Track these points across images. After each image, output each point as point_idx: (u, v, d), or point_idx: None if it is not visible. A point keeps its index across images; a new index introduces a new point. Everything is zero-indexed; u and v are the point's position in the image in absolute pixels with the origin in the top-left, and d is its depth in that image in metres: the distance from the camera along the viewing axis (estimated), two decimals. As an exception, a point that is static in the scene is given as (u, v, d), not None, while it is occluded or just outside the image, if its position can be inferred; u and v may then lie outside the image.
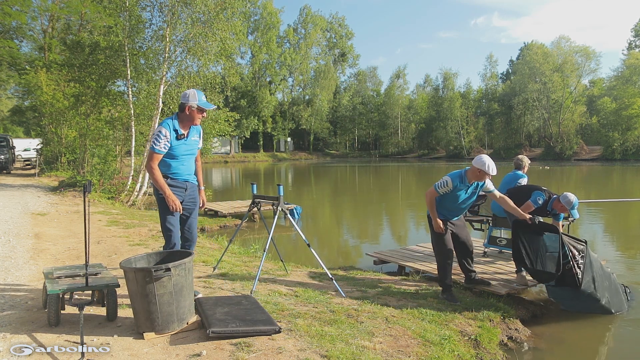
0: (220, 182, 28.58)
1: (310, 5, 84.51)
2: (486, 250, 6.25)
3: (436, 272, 5.49)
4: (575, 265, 4.24)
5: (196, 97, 3.56)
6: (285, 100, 64.59)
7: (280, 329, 3.10)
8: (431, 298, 4.49)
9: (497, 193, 4.51)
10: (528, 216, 4.38)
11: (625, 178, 27.59)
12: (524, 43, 64.55)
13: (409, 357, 3.04)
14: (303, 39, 64.29)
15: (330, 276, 4.55)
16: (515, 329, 4.18)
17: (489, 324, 3.99)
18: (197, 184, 3.85)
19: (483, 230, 6.68)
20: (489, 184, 4.45)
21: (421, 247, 6.83)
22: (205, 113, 3.66)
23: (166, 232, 3.61)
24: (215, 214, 11.64)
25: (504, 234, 6.33)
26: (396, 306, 4.14)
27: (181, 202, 3.62)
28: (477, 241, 7.18)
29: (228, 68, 15.30)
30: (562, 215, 5.08)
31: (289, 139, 65.90)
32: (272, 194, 4.95)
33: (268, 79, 60.15)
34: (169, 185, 3.55)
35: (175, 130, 3.54)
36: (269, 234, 4.57)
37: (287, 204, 10.99)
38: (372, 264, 6.54)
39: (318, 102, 62.33)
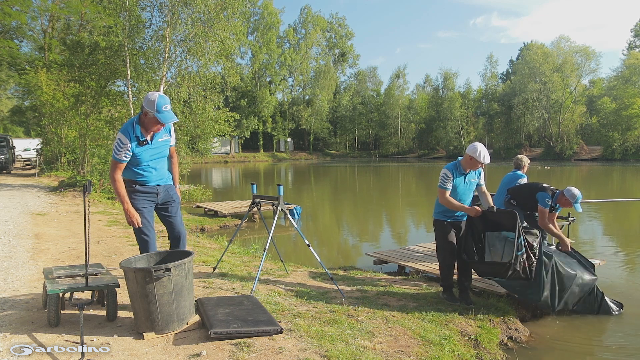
0: (220, 182, 28.58)
1: (310, 5, 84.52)
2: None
3: (436, 272, 5.51)
4: (533, 256, 4.14)
5: (155, 106, 3.17)
6: (285, 100, 64.60)
7: (282, 329, 3.10)
8: (431, 298, 4.50)
9: (484, 188, 4.45)
10: (479, 209, 4.25)
11: (625, 178, 27.60)
12: (524, 43, 64.64)
13: (409, 357, 3.04)
14: (303, 39, 64.30)
15: (330, 276, 4.55)
16: (515, 329, 4.18)
17: (489, 324, 3.99)
18: (171, 183, 3.62)
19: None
20: (483, 177, 4.43)
21: (421, 247, 6.83)
22: (164, 125, 3.30)
23: (141, 242, 3.45)
24: (215, 214, 11.64)
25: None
26: (396, 306, 4.14)
27: (156, 206, 3.48)
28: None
29: (228, 68, 15.31)
30: (560, 207, 5.06)
31: (289, 139, 65.90)
32: (272, 194, 4.95)
33: (268, 79, 60.15)
34: (139, 191, 3.37)
35: (137, 137, 3.27)
36: (269, 234, 4.57)
37: (287, 204, 11.01)
38: (372, 264, 6.54)
39: (318, 102, 62.35)
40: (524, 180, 5.85)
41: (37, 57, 22.32)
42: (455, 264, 4.51)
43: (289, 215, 4.92)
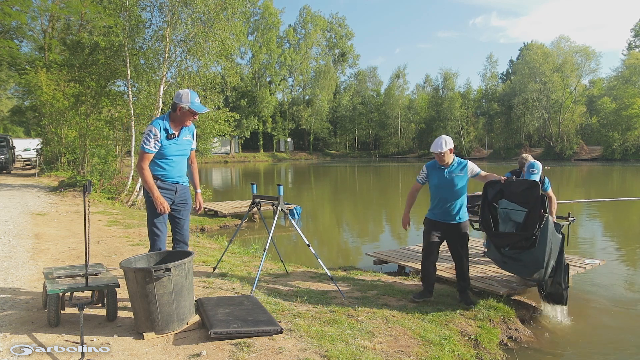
0: (220, 182, 28.58)
1: (310, 5, 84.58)
2: (486, 250, 6.25)
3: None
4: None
5: (189, 99, 3.44)
6: (285, 100, 64.59)
7: (282, 329, 3.10)
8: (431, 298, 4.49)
9: (483, 173, 4.34)
10: (503, 177, 4.20)
11: (625, 178, 27.59)
12: (524, 43, 64.63)
13: (409, 357, 3.04)
14: (303, 39, 64.30)
15: (330, 276, 4.55)
16: (515, 329, 4.18)
17: (489, 324, 3.99)
18: (188, 185, 3.75)
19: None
20: (473, 168, 4.31)
21: (421, 247, 6.82)
22: (197, 115, 3.55)
23: (152, 235, 3.53)
24: (215, 214, 11.65)
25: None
26: (396, 306, 4.14)
27: (170, 204, 3.55)
28: (477, 241, 7.19)
29: (228, 68, 15.30)
30: (548, 184, 5.03)
31: (289, 139, 65.89)
32: (272, 194, 4.95)
33: (268, 79, 60.13)
34: (158, 187, 3.46)
35: (166, 130, 3.46)
36: (269, 234, 4.57)
37: (287, 204, 11.01)
38: (372, 264, 6.54)
39: (318, 102, 62.34)
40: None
41: (37, 57, 22.31)
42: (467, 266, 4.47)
43: (288, 216, 4.92)
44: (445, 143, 4.23)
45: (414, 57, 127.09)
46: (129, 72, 12.74)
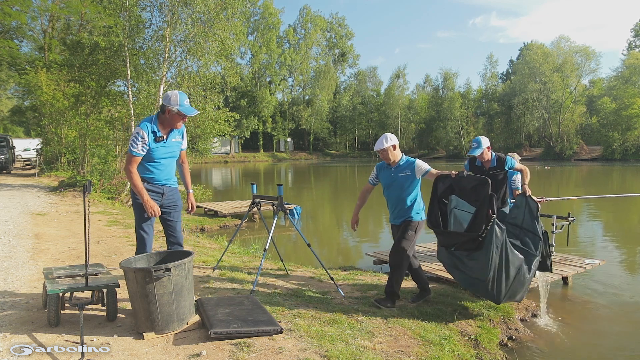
0: (220, 182, 28.58)
1: (310, 5, 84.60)
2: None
3: (436, 272, 5.52)
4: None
5: (177, 101, 3.36)
6: (285, 100, 64.60)
7: (282, 329, 3.10)
8: (431, 298, 4.49)
9: (434, 171, 4.01)
10: (454, 172, 3.88)
11: (625, 178, 27.59)
12: (524, 43, 64.65)
13: (409, 357, 3.04)
14: (303, 39, 64.30)
15: (330, 276, 4.55)
16: (515, 329, 4.18)
17: (489, 324, 3.99)
18: (177, 187, 3.69)
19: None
20: (422, 166, 4.03)
21: (421, 247, 6.83)
22: (186, 118, 3.47)
23: (140, 238, 3.49)
24: (215, 214, 11.65)
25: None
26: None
27: (160, 207, 3.50)
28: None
29: (228, 68, 15.30)
30: (512, 162, 4.70)
31: (289, 139, 65.89)
32: (272, 194, 4.95)
33: (268, 79, 60.16)
34: (146, 189, 3.41)
35: (154, 132, 3.39)
36: (269, 234, 4.57)
37: (287, 204, 11.00)
38: (372, 264, 6.54)
39: (318, 102, 62.34)
40: (518, 177, 5.92)
41: (37, 57, 22.32)
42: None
43: (288, 215, 4.92)
44: (387, 140, 4.04)
45: (414, 57, 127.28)
46: (129, 72, 12.74)
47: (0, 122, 40.50)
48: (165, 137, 3.46)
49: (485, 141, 4.59)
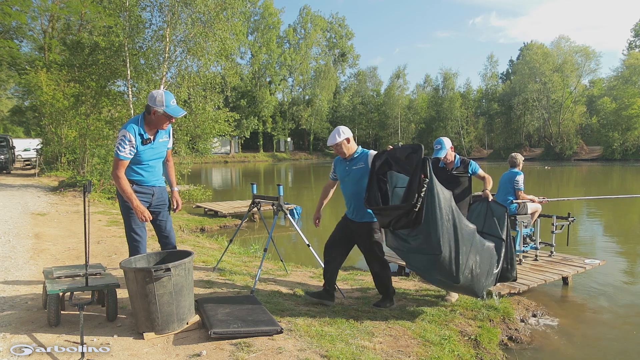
0: (220, 182, 28.58)
1: (309, 5, 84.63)
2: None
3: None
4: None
5: (163, 102, 3.22)
6: (285, 100, 64.59)
7: (282, 329, 3.10)
8: (431, 298, 4.49)
9: (373, 152, 3.88)
10: (390, 146, 3.66)
11: (625, 178, 27.59)
12: (524, 43, 64.68)
13: (409, 357, 3.04)
14: (303, 39, 64.31)
15: (330, 276, 4.54)
16: (515, 329, 4.18)
17: (489, 324, 3.99)
18: (165, 186, 3.63)
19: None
20: (365, 155, 3.86)
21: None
22: (173, 119, 3.35)
23: (132, 242, 3.43)
24: (215, 214, 11.65)
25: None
26: (396, 306, 4.14)
27: (148, 207, 3.43)
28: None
29: (228, 68, 15.31)
30: (476, 166, 4.49)
31: (288, 139, 65.89)
32: (272, 194, 4.95)
33: (268, 79, 60.16)
34: (136, 191, 3.35)
35: (141, 135, 3.28)
36: (269, 234, 4.57)
37: (287, 204, 11.00)
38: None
39: (318, 102, 62.33)
40: (521, 177, 5.95)
41: (37, 57, 22.32)
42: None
43: (288, 215, 4.92)
44: (340, 133, 3.83)
45: (413, 57, 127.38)
46: (129, 72, 12.75)
47: (0, 122, 40.50)
48: (152, 139, 3.35)
49: (447, 142, 4.54)
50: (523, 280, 5.10)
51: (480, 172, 4.47)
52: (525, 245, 6.02)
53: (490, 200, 4.24)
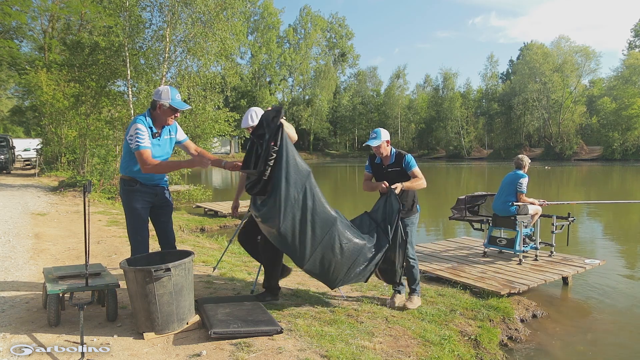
0: (220, 182, 28.58)
1: (310, 5, 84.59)
2: (486, 250, 6.25)
3: (436, 272, 5.51)
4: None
5: (169, 96, 3.28)
6: (285, 100, 64.59)
7: (282, 329, 3.10)
8: (431, 298, 4.49)
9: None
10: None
11: (625, 178, 27.59)
12: (524, 43, 64.70)
13: (409, 357, 3.04)
14: (303, 39, 64.34)
15: (330, 276, 4.54)
16: (515, 329, 4.18)
17: (489, 324, 3.99)
18: (167, 186, 3.61)
19: (483, 230, 6.69)
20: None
21: (421, 247, 6.83)
22: (178, 113, 3.39)
23: (134, 240, 3.42)
24: (215, 214, 11.64)
25: (503, 234, 6.35)
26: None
27: (151, 207, 3.43)
28: (477, 241, 7.19)
29: (228, 68, 15.31)
30: (414, 163, 4.01)
31: (289, 139, 65.86)
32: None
33: (268, 79, 60.22)
34: (139, 190, 3.33)
35: (150, 128, 3.30)
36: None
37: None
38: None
39: (318, 102, 62.36)
40: (525, 180, 5.89)
41: (37, 57, 22.32)
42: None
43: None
44: (252, 118, 3.83)
45: (413, 57, 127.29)
46: (129, 72, 12.75)
47: (0, 122, 40.51)
48: (159, 133, 3.38)
49: (384, 134, 4.05)
50: (523, 280, 5.10)
51: (416, 170, 3.93)
52: (525, 245, 6.02)
53: (392, 194, 3.76)
